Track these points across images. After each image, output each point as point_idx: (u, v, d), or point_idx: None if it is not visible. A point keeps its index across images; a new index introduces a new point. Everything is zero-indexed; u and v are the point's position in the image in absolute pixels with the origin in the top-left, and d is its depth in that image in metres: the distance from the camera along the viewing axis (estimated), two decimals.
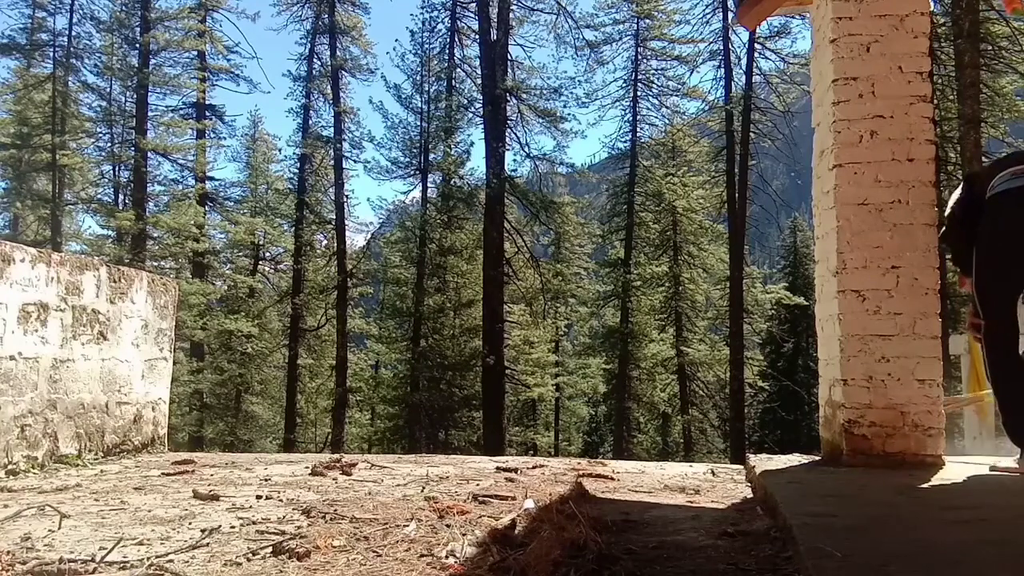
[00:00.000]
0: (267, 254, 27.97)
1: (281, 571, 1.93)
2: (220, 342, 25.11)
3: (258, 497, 2.97)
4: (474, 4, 25.21)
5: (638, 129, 25.82)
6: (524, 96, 24.87)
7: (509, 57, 24.66)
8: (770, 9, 4.28)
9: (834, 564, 1.56)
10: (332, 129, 26.24)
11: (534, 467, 3.95)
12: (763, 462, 3.45)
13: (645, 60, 25.95)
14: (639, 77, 25.72)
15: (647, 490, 3.25)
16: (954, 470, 3.10)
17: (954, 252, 3.44)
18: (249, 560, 2.03)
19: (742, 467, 3.91)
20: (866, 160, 3.35)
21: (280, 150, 29.40)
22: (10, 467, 3.52)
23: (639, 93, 25.73)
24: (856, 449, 3.24)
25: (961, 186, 3.53)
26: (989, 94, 18.36)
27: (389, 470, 3.86)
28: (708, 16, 24.32)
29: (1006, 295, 3.06)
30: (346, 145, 26.18)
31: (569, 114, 29.19)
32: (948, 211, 3.41)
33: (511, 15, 24.61)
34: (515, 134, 24.86)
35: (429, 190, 25.85)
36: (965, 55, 16.57)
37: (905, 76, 3.41)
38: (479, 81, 25.23)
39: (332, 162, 26.33)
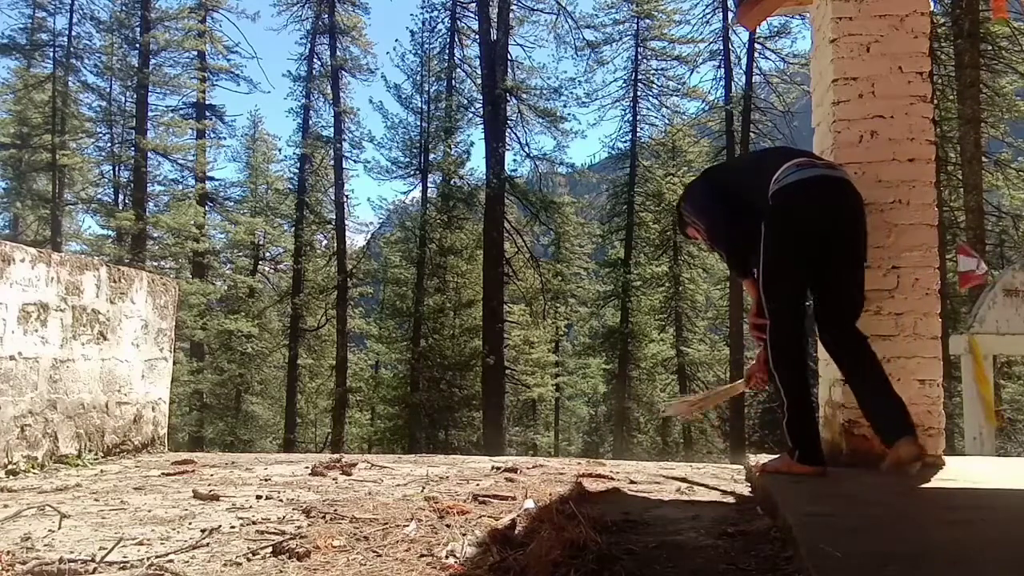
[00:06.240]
0: (267, 254, 28.01)
1: (281, 571, 1.93)
2: (220, 342, 25.14)
3: (258, 497, 2.97)
4: (474, 4, 25.23)
5: (638, 129, 25.85)
6: (524, 96, 24.89)
7: (509, 57, 24.69)
8: (770, 9, 4.28)
9: (834, 564, 1.56)
10: (332, 129, 26.30)
11: (534, 467, 3.95)
12: (763, 462, 3.44)
13: (645, 60, 25.99)
14: (639, 77, 25.73)
15: (647, 490, 3.25)
16: (954, 470, 3.09)
17: (731, 249, 3.14)
18: (249, 560, 2.03)
19: (742, 467, 3.91)
20: (866, 160, 3.34)
21: (280, 150, 29.54)
22: (10, 467, 3.52)
23: (639, 93, 25.74)
24: (856, 449, 3.24)
25: (701, 183, 3.32)
26: (989, 94, 18.38)
27: (389, 470, 3.86)
28: (708, 16, 24.39)
29: (797, 289, 2.92)
30: (346, 145, 26.27)
31: (569, 114, 29.27)
32: (701, 210, 3.17)
33: (511, 15, 24.63)
34: (515, 134, 24.92)
35: (429, 190, 25.92)
36: (965, 55, 16.60)
37: (905, 76, 3.40)
38: (479, 81, 25.25)
39: (332, 162, 26.36)
